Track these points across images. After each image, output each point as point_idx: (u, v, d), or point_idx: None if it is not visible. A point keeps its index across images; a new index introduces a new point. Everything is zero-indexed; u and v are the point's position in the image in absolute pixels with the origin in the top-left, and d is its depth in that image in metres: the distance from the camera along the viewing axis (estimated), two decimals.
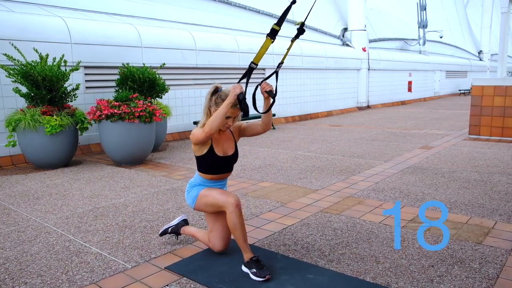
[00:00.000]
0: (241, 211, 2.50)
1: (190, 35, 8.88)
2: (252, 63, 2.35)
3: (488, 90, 7.29)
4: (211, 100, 2.54)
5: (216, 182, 2.70)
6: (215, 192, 2.59)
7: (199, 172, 2.69)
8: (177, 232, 3.02)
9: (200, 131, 2.45)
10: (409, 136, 8.05)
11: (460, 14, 27.85)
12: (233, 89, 2.33)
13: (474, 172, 5.01)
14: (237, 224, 2.47)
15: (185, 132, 8.89)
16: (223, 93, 2.51)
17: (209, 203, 2.60)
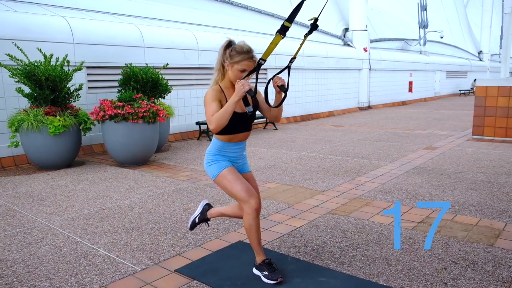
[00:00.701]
0: (258, 214, 2.44)
1: (192, 35, 8.85)
2: (260, 59, 2.31)
3: (492, 90, 7.28)
4: (225, 53, 2.38)
5: (235, 144, 2.50)
6: (238, 185, 2.41)
7: (216, 135, 2.50)
8: (205, 219, 2.90)
9: (208, 114, 2.32)
10: (412, 137, 8.03)
11: (460, 14, 27.86)
12: (242, 85, 2.25)
13: (480, 173, 4.99)
14: (253, 226, 2.42)
15: (187, 132, 8.86)
16: (237, 46, 2.38)
17: (229, 190, 2.45)
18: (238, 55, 2.33)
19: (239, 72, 2.34)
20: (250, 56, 2.33)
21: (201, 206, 2.94)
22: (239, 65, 2.33)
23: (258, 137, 8.57)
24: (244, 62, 2.33)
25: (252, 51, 2.36)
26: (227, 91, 2.42)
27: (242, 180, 2.46)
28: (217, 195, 4.34)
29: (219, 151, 2.50)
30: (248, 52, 2.34)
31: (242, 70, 2.34)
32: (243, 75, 2.35)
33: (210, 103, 2.35)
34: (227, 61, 2.37)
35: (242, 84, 2.24)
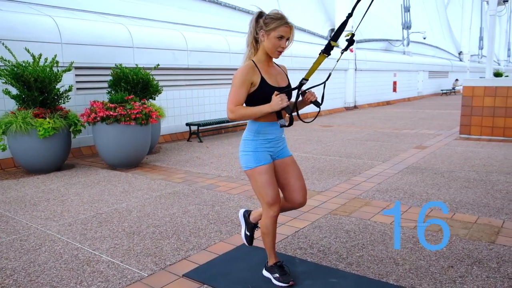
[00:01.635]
0: (276, 220, 2.40)
1: (181, 35, 8.77)
2: (303, 79, 2.25)
3: (479, 90, 7.44)
4: (258, 23, 2.25)
5: (271, 124, 2.33)
6: (270, 189, 2.31)
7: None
8: (254, 226, 2.75)
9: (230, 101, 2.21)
10: (401, 136, 8.14)
11: (441, 15, 28.41)
12: (280, 100, 2.16)
13: (472, 172, 5.08)
14: (270, 230, 2.39)
15: (176, 133, 8.77)
16: (272, 13, 2.26)
17: (258, 188, 2.35)
18: (273, 22, 2.21)
19: (277, 40, 2.22)
20: (285, 21, 2.22)
21: (241, 217, 2.78)
22: (276, 31, 2.21)
23: None
24: (281, 28, 2.20)
25: (287, 18, 2.25)
26: (262, 65, 2.30)
27: (275, 184, 2.36)
28: (215, 197, 4.31)
29: (257, 134, 2.34)
30: (283, 18, 2.23)
31: (280, 36, 2.22)
32: (281, 43, 2.24)
33: (239, 87, 2.21)
34: (261, 31, 2.24)
35: (282, 99, 2.16)
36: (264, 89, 2.27)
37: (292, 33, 2.29)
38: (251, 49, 2.33)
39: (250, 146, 2.36)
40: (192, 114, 9.14)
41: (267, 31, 2.23)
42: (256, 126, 2.35)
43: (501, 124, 7.30)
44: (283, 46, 2.27)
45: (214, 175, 5.32)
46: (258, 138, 2.36)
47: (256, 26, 2.28)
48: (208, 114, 9.49)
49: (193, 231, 3.34)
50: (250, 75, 2.25)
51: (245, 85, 2.24)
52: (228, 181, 4.96)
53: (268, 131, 2.36)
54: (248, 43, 2.34)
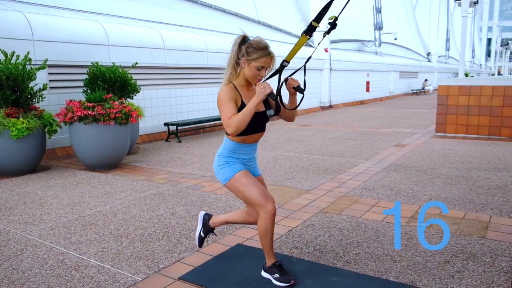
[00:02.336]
0: (275, 218, 2.35)
1: (158, 33, 8.59)
2: (284, 60, 2.25)
3: (453, 89, 7.64)
4: (240, 49, 2.24)
5: (248, 145, 2.39)
6: (254, 188, 2.31)
7: (228, 136, 2.38)
8: (210, 230, 2.75)
9: (225, 118, 2.19)
10: (379, 135, 8.27)
11: (409, 16, 29.17)
12: (263, 88, 2.15)
13: (453, 169, 5.20)
14: (269, 230, 2.34)
15: (154, 134, 8.58)
16: (254, 41, 2.25)
17: (244, 194, 2.34)
18: (255, 52, 2.21)
19: (256, 70, 2.23)
20: (268, 52, 2.23)
21: (201, 219, 2.78)
22: (257, 62, 2.22)
23: None
24: (262, 59, 2.21)
25: (269, 47, 2.25)
26: (242, 89, 2.31)
27: (258, 183, 2.36)
28: (201, 197, 4.22)
29: (232, 152, 2.38)
30: (265, 48, 2.23)
31: (260, 67, 2.23)
32: (260, 73, 2.25)
33: (227, 104, 2.21)
34: (242, 58, 2.24)
35: (264, 86, 2.14)
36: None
37: (272, 62, 2.30)
38: (232, 72, 2.32)
39: (223, 159, 2.40)
40: (169, 114, 8.97)
41: (248, 60, 2.24)
42: (232, 146, 2.39)
43: (475, 122, 7.53)
44: (262, 76, 2.29)
45: (198, 175, 5.21)
46: (233, 156, 2.40)
47: (238, 52, 2.27)
48: (186, 114, 9.35)
49: (184, 233, 3.25)
50: (233, 93, 2.27)
51: (232, 100, 2.25)
52: (213, 181, 4.87)
53: (243, 152, 2.41)
54: (228, 65, 2.33)
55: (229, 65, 2.31)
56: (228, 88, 2.27)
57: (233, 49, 2.28)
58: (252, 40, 2.26)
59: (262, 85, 2.17)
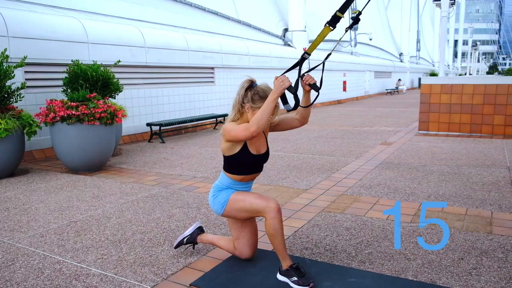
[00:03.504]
0: (281, 216, 2.30)
1: (138, 31, 8.35)
2: (305, 53, 2.17)
3: (436, 88, 7.77)
4: (246, 95, 2.29)
5: (246, 183, 2.47)
6: (251, 197, 2.35)
7: (227, 173, 2.42)
8: (193, 242, 2.74)
9: (242, 128, 2.18)
10: (364, 134, 8.31)
11: (382, 17, 29.74)
12: (281, 81, 2.09)
13: (443, 166, 5.26)
14: (278, 230, 2.26)
15: (136, 134, 8.33)
16: (260, 89, 2.29)
17: (245, 208, 2.35)
18: (261, 101, 2.24)
19: None
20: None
21: (192, 228, 2.76)
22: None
23: (212, 137, 8.33)
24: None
25: None
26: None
27: (251, 192, 2.40)
28: (197, 199, 4.07)
29: (228, 187, 2.45)
30: None
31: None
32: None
33: (235, 125, 2.27)
34: (248, 104, 2.27)
35: (282, 80, 2.08)
36: (244, 155, 2.34)
37: (276, 111, 2.29)
38: (237, 114, 2.34)
39: (218, 189, 2.46)
40: (151, 114, 8.73)
41: (253, 107, 2.26)
42: (229, 182, 2.45)
43: (457, 120, 7.68)
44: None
45: (188, 176, 5.06)
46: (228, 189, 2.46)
47: (244, 96, 2.29)
48: (168, 114, 9.13)
49: None
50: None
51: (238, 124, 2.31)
52: (206, 182, 4.73)
53: (239, 188, 2.45)
54: (234, 106, 2.36)
55: (234, 107, 2.33)
56: (231, 123, 2.32)
57: (239, 93, 2.30)
58: (258, 88, 2.28)
59: (280, 78, 2.10)
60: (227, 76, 11.08)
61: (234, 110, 2.34)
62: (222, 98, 10.93)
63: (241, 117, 2.34)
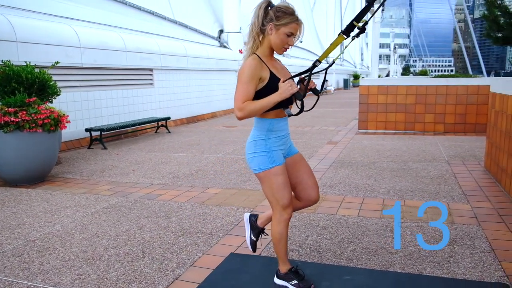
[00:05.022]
0: (289, 222, 2.26)
1: (72, 30, 7.80)
2: (317, 60, 2.14)
3: (373, 89, 8.26)
4: (267, 15, 2.07)
5: (283, 120, 2.21)
6: (287, 191, 2.18)
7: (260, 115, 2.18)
8: (261, 231, 2.55)
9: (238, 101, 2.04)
10: (308, 134, 8.57)
11: (309, 19, 30.88)
12: (290, 86, 2.02)
13: (391, 162, 5.61)
14: (283, 235, 2.24)
15: (72, 141, 7.77)
16: (283, 6, 2.08)
17: (274, 191, 2.17)
18: (286, 16, 2.05)
19: (285, 36, 2.08)
20: (297, 17, 2.09)
21: (247, 222, 2.57)
22: (287, 27, 2.06)
23: (157, 142, 8.05)
24: (292, 25, 2.06)
25: (296, 12, 2.11)
26: (267, 59, 2.13)
27: (289, 185, 2.23)
28: (163, 207, 3.91)
29: (270, 132, 2.17)
30: (294, 13, 2.09)
31: (290, 33, 2.08)
32: (289, 40, 2.10)
33: (247, 83, 2.04)
34: (270, 24, 2.07)
35: (291, 84, 2.01)
36: (275, 83, 2.09)
37: (300, 30, 2.16)
38: (256, 41, 2.14)
39: (263, 146, 2.19)
40: (88, 118, 8.21)
41: (277, 25, 2.07)
42: (267, 124, 2.18)
43: (393, 119, 8.24)
44: (290, 44, 2.14)
45: (145, 183, 4.84)
46: (271, 136, 2.19)
47: (263, 17, 2.09)
48: (106, 118, 8.65)
49: (165, 247, 2.97)
50: (258, 69, 2.08)
51: (254, 80, 2.06)
52: (166, 189, 4.56)
53: (280, 128, 2.22)
54: (251, 35, 2.14)
55: (252, 34, 2.12)
56: (254, 61, 2.07)
57: (257, 14, 2.09)
58: (280, 4, 2.10)
59: (288, 82, 2.05)
60: (166, 78, 10.79)
61: (252, 38, 2.12)
62: (162, 101, 10.62)
63: (262, 44, 2.13)
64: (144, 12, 11.13)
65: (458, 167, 5.18)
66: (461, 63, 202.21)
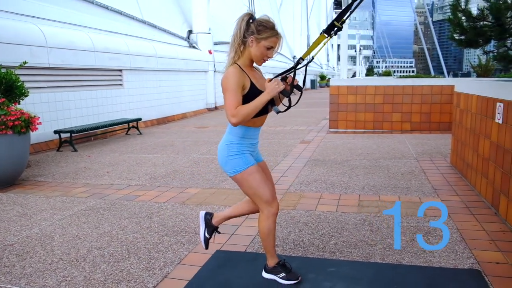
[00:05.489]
0: (276, 217, 2.34)
1: (38, 29, 7.57)
2: (300, 58, 2.24)
3: (343, 89, 8.50)
4: (249, 28, 2.15)
5: (256, 129, 2.33)
6: (267, 186, 2.27)
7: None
8: (214, 229, 2.61)
9: (231, 106, 2.08)
10: (281, 133, 8.70)
11: (276, 20, 31.16)
12: (277, 85, 2.11)
13: (363, 160, 5.81)
14: (272, 230, 2.32)
15: (40, 143, 7.54)
16: (263, 20, 2.18)
17: (254, 190, 2.26)
18: (266, 31, 2.14)
19: (265, 49, 2.17)
20: (277, 32, 2.18)
21: (202, 219, 2.62)
22: (267, 41, 2.15)
23: (129, 143, 7.94)
24: (272, 39, 2.16)
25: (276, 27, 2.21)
26: (247, 69, 2.21)
27: (268, 181, 2.33)
28: (143, 207, 3.90)
29: (243, 139, 2.28)
30: (275, 28, 2.18)
31: (269, 47, 2.17)
32: (268, 52, 2.19)
33: (234, 90, 2.11)
34: (251, 37, 2.15)
35: (278, 83, 2.11)
36: (254, 93, 2.20)
37: (279, 44, 2.27)
38: (237, 52, 2.23)
39: (236, 149, 2.29)
40: (56, 120, 7.99)
41: (258, 38, 2.17)
42: (242, 131, 2.29)
43: (362, 118, 8.51)
44: (269, 56, 2.25)
45: (122, 185, 4.79)
46: (244, 142, 2.31)
47: (246, 30, 2.19)
48: (75, 119, 8.44)
49: (150, 247, 2.98)
50: (241, 78, 2.18)
51: (239, 87, 2.16)
52: (144, 190, 4.54)
53: (253, 136, 2.35)
54: (233, 46, 2.23)
55: (233, 45, 2.20)
56: (235, 71, 2.16)
57: (239, 26, 2.17)
58: (261, 18, 2.19)
59: (275, 81, 2.14)
60: (136, 78, 10.64)
61: (233, 48, 2.21)
62: (132, 102, 10.46)
63: (242, 55, 2.21)
64: (112, 11, 10.93)
65: (426, 164, 5.44)
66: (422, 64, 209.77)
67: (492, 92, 3.70)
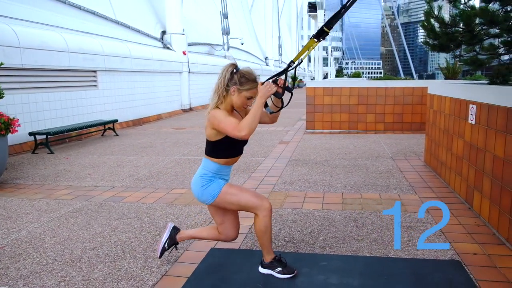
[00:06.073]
0: (271, 214, 2.46)
1: (11, 30, 7.39)
2: (291, 61, 2.36)
3: (319, 91, 8.72)
4: (232, 78, 2.32)
5: (229, 167, 2.51)
6: (246, 194, 2.42)
7: (211, 158, 2.43)
8: (175, 243, 2.73)
9: (232, 126, 2.23)
10: (259, 134, 8.82)
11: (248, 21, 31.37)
12: (269, 88, 2.24)
13: (342, 159, 6.01)
14: (269, 227, 2.43)
15: (14, 146, 7.35)
16: (245, 72, 2.35)
17: (238, 203, 2.40)
18: (248, 83, 2.32)
19: (246, 99, 2.34)
20: (257, 84, 2.34)
21: (168, 231, 2.74)
22: (248, 92, 2.33)
23: (106, 145, 7.85)
24: (253, 90, 2.33)
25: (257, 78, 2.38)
26: (228, 113, 2.38)
27: (244, 188, 2.49)
28: (132, 208, 3.93)
29: (215, 174, 2.44)
30: (256, 80, 2.35)
31: (250, 97, 2.35)
32: (248, 102, 2.37)
33: (227, 117, 2.29)
34: (234, 86, 2.32)
35: (270, 86, 2.23)
36: (231, 138, 2.35)
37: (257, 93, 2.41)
38: (220, 98, 2.38)
39: (207, 179, 2.45)
40: (30, 122, 7.81)
41: (240, 89, 2.34)
42: (216, 168, 2.45)
43: (338, 119, 8.75)
44: (249, 105, 2.42)
45: (106, 186, 4.78)
46: (216, 177, 2.46)
47: (230, 79, 2.35)
48: (50, 121, 8.27)
49: (145, 246, 3.03)
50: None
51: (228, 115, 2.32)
52: (130, 191, 4.55)
53: (225, 173, 2.52)
54: (216, 91, 2.38)
55: (217, 92, 2.35)
56: (220, 110, 2.33)
57: (223, 76, 2.33)
58: (244, 71, 2.36)
59: (266, 84, 2.26)
60: (110, 79, 10.51)
61: (217, 94, 2.36)
62: (107, 103, 10.33)
63: (224, 101, 2.37)
64: (85, 11, 10.76)
65: (402, 163, 5.70)
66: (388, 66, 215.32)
67: (465, 95, 3.96)
